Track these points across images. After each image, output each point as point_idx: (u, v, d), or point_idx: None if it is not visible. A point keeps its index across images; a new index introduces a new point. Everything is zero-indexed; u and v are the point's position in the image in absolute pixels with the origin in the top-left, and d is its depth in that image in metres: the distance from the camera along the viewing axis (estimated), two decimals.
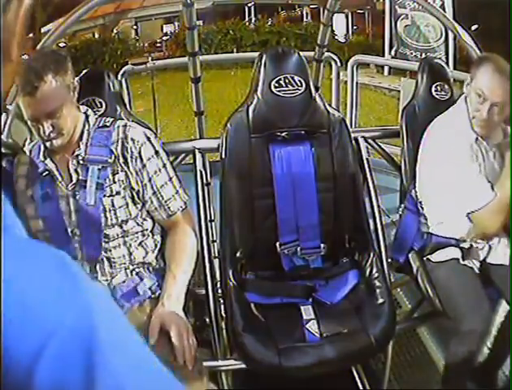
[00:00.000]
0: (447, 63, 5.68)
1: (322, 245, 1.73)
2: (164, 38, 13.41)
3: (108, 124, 1.40)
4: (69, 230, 1.33)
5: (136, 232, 1.38)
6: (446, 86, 1.91)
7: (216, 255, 1.80)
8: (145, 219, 1.41)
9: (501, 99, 1.51)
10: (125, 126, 1.40)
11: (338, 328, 1.49)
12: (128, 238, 1.37)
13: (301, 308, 1.57)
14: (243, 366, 1.49)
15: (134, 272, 1.37)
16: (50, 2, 12.23)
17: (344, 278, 1.68)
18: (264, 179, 1.72)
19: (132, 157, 1.36)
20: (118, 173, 1.35)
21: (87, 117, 1.40)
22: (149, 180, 1.37)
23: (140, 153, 1.36)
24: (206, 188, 1.81)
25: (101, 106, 1.64)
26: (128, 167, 1.36)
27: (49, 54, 1.36)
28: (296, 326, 1.51)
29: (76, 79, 1.37)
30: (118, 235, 1.35)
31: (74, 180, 1.34)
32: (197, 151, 1.87)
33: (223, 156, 1.72)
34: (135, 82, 3.22)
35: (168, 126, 6.20)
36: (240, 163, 1.72)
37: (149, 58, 3.01)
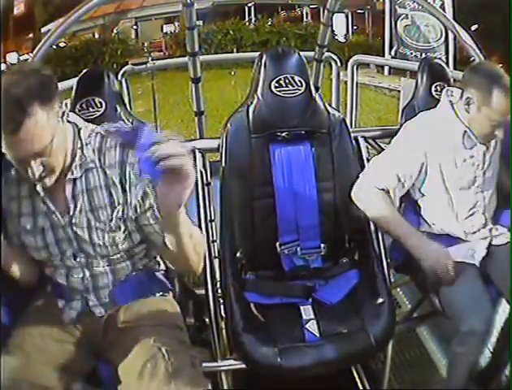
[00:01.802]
0: (447, 63, 5.69)
1: (322, 245, 1.73)
2: (164, 38, 13.41)
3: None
4: (72, 253, 1.25)
5: (143, 249, 1.33)
6: (446, 86, 1.91)
7: (216, 255, 1.80)
8: None
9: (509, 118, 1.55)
10: (125, 145, 1.22)
11: (338, 328, 1.49)
12: (134, 258, 1.32)
13: (301, 308, 1.57)
14: (243, 366, 1.49)
15: (136, 275, 1.34)
16: (50, 2, 12.25)
17: (344, 278, 1.68)
18: (264, 179, 1.73)
19: (131, 184, 1.21)
20: (116, 207, 1.22)
21: (79, 131, 1.24)
22: (151, 208, 1.21)
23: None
24: (206, 188, 1.81)
25: (101, 106, 1.64)
26: (126, 196, 1.22)
27: (30, 75, 1.09)
28: (295, 326, 1.51)
29: (65, 101, 1.18)
30: (123, 256, 1.29)
31: (71, 211, 1.22)
32: (197, 151, 1.87)
33: (223, 156, 1.72)
34: (135, 82, 3.22)
35: (168, 126, 6.19)
36: (240, 163, 1.72)
37: (149, 58, 3.00)
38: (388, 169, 1.64)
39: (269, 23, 13.16)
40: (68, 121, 1.20)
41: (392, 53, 8.25)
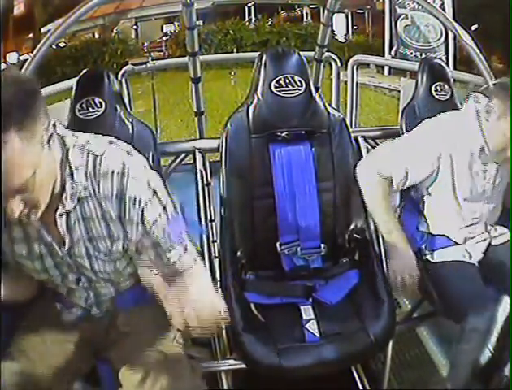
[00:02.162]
0: (447, 63, 5.69)
1: (322, 245, 1.73)
2: (164, 38, 13.42)
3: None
4: (74, 277, 1.19)
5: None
6: (446, 86, 1.91)
7: (216, 255, 1.80)
8: None
9: None
10: (123, 174, 1.05)
11: (338, 328, 1.49)
12: (137, 275, 1.26)
13: (301, 308, 1.57)
14: (243, 366, 1.49)
15: (137, 283, 1.30)
16: (50, 2, 12.25)
17: (344, 278, 1.68)
18: (264, 179, 1.73)
19: (131, 221, 1.08)
20: (116, 240, 1.12)
21: (67, 152, 1.04)
22: (154, 246, 1.10)
23: (143, 217, 1.07)
24: (206, 188, 1.81)
25: (101, 106, 1.64)
26: (126, 232, 1.10)
27: (7, 87, 0.86)
28: (296, 326, 1.51)
29: (53, 121, 0.99)
30: (126, 278, 1.26)
31: (67, 243, 1.10)
32: (197, 151, 1.87)
33: (223, 156, 1.72)
34: (135, 82, 3.21)
35: (168, 126, 6.19)
36: (240, 163, 1.72)
37: (149, 58, 3.00)
38: (398, 161, 1.61)
39: (269, 23, 13.16)
40: (58, 134, 1.03)
41: (392, 53, 8.27)
